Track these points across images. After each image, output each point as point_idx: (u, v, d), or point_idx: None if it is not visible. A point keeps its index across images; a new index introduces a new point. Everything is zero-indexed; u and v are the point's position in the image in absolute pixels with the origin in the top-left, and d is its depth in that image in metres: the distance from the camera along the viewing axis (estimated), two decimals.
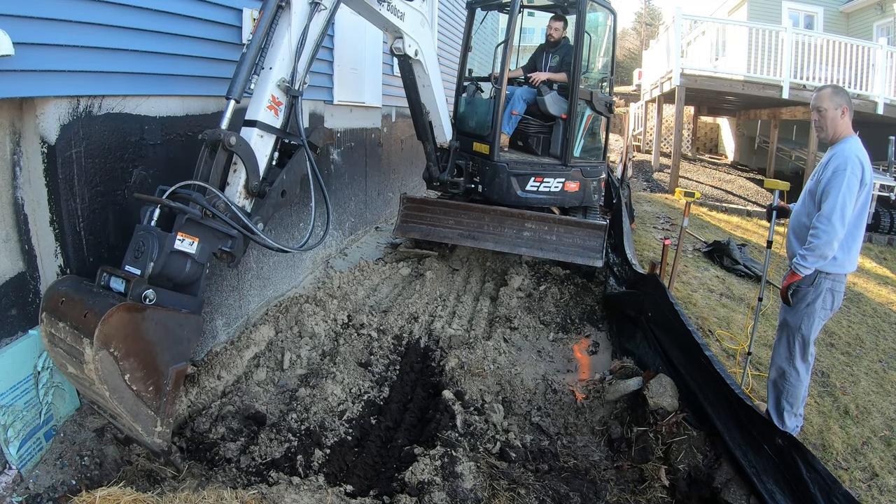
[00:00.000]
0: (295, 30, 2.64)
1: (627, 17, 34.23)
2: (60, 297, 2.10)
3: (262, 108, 2.56)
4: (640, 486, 2.66)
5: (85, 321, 1.94)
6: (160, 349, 2.13)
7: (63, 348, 2.05)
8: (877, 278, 7.01)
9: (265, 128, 2.58)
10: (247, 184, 2.49)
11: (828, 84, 3.02)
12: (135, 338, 2.04)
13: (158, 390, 2.13)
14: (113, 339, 1.95)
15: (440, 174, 5.01)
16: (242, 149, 2.44)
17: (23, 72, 2.14)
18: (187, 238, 2.20)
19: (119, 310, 1.96)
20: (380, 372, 3.56)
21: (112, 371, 1.96)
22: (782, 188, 3.45)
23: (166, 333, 2.15)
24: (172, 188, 2.25)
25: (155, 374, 2.13)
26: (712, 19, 13.25)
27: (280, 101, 2.63)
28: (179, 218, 2.20)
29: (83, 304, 2.01)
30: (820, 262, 2.70)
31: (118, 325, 1.96)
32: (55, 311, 2.07)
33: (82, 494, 1.99)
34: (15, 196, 2.38)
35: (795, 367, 2.87)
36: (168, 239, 2.15)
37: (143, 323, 2.06)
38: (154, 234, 2.15)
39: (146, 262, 2.11)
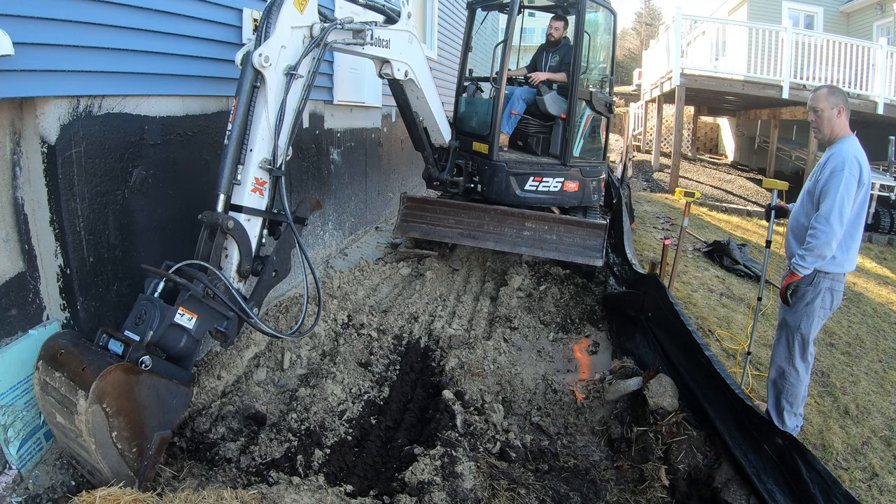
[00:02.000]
0: (272, 106, 2.59)
1: (627, 17, 34.28)
2: (59, 348, 2.17)
3: (247, 193, 2.58)
4: (640, 486, 2.66)
5: (82, 374, 2.02)
6: (149, 414, 2.20)
7: (55, 397, 2.10)
8: (877, 278, 7.02)
9: (251, 211, 2.61)
10: (239, 267, 2.56)
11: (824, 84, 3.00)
12: (127, 398, 2.11)
13: (141, 454, 2.20)
14: (107, 395, 2.03)
15: (440, 174, 5.01)
16: (238, 233, 2.52)
17: (23, 72, 2.14)
18: (187, 313, 2.29)
19: (117, 369, 2.05)
20: (380, 372, 3.56)
21: (101, 426, 2.04)
22: (781, 188, 3.45)
23: (157, 400, 2.23)
24: (178, 265, 2.34)
25: (140, 437, 2.19)
26: (712, 19, 13.26)
27: (263, 181, 2.63)
28: (182, 293, 2.28)
29: (82, 358, 2.09)
30: (819, 263, 2.70)
31: (114, 383, 2.05)
32: (53, 360, 2.13)
33: (82, 494, 1.99)
34: (15, 196, 2.38)
35: (795, 367, 2.87)
36: (169, 312, 2.24)
37: (137, 386, 2.14)
38: (157, 305, 2.24)
39: (146, 330, 2.20)
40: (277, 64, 2.58)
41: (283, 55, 2.61)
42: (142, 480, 2.22)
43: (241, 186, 2.56)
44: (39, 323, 2.51)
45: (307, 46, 2.71)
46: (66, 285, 2.53)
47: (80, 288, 2.53)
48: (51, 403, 2.13)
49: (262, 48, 2.51)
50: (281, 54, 2.59)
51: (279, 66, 2.59)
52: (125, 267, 2.79)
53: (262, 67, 2.51)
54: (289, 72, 2.63)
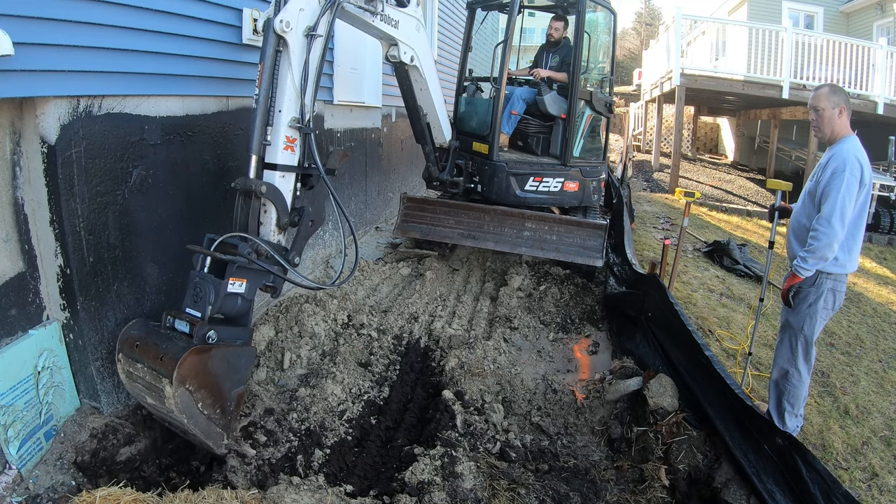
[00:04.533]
0: (296, 68, 2.71)
1: (627, 17, 34.26)
2: (134, 341, 2.39)
3: (280, 151, 2.73)
4: (640, 486, 2.66)
5: (162, 363, 2.26)
6: (224, 379, 2.48)
7: (141, 384, 2.35)
8: (877, 278, 7.01)
9: (285, 168, 2.76)
10: (278, 221, 2.75)
11: (825, 83, 2.96)
12: (205, 374, 2.38)
13: (224, 412, 2.51)
14: (188, 377, 2.29)
15: (440, 174, 5.01)
16: (272, 193, 2.68)
17: (23, 72, 2.14)
18: (237, 281, 2.50)
19: (191, 353, 2.28)
20: (380, 372, 3.56)
21: (189, 403, 2.32)
22: (784, 188, 3.45)
23: (228, 366, 2.49)
24: (220, 239, 2.50)
25: (221, 399, 2.49)
26: (712, 19, 13.25)
27: (294, 138, 2.77)
28: (230, 267, 2.46)
29: (157, 348, 2.32)
30: (820, 264, 2.70)
31: (191, 366, 2.30)
32: (131, 353, 2.37)
33: (82, 494, 1.99)
34: (15, 196, 2.38)
35: (798, 368, 2.86)
36: (222, 285, 2.43)
37: (210, 361, 2.40)
38: (209, 280, 2.44)
39: (205, 306, 2.40)
40: (297, 27, 2.67)
41: (302, 17, 2.70)
42: (229, 433, 2.57)
43: (272, 146, 2.71)
44: (39, 323, 2.51)
45: (324, 6, 2.81)
46: (66, 285, 2.53)
47: (80, 288, 2.53)
48: (139, 389, 2.38)
49: (283, 14, 2.60)
50: (300, 17, 2.68)
51: (299, 29, 2.69)
52: (125, 267, 2.80)
53: (283, 32, 2.60)
54: (308, 33, 2.73)
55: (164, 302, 3.07)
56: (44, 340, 2.48)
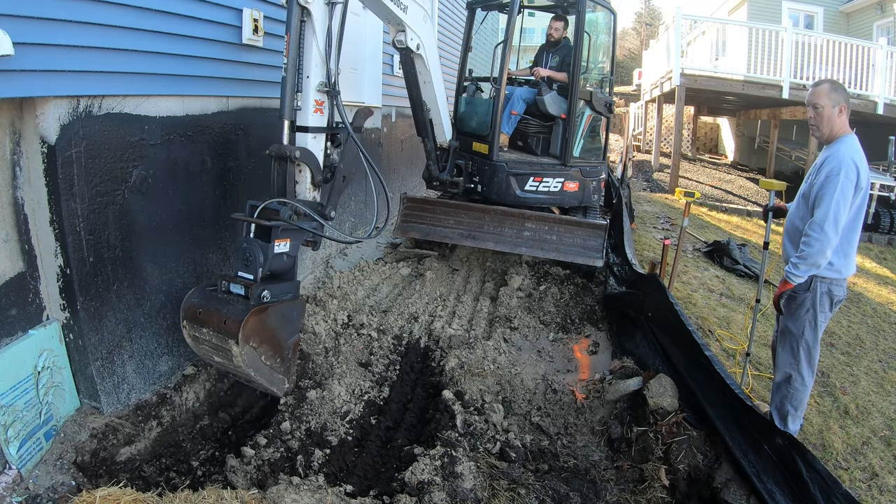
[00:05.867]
0: (320, 35, 2.85)
1: (627, 17, 34.25)
2: (196, 308, 2.61)
3: (310, 114, 2.91)
4: (640, 486, 2.66)
5: (226, 326, 2.51)
6: (281, 332, 2.80)
7: (208, 346, 2.62)
8: (877, 278, 7.01)
9: (316, 130, 2.97)
10: (313, 179, 2.98)
11: (825, 79, 2.79)
12: (264, 331, 2.68)
13: (283, 360, 2.86)
14: (251, 336, 2.58)
15: (440, 174, 5.01)
16: (305, 156, 2.88)
17: (23, 72, 2.14)
18: (281, 242, 2.73)
19: (252, 315, 2.53)
20: (380, 372, 3.56)
21: (254, 358, 2.63)
22: (778, 188, 3.37)
23: (283, 320, 2.79)
24: (261, 205, 2.71)
25: (280, 350, 2.82)
26: (712, 19, 13.24)
27: (322, 101, 2.96)
28: (274, 230, 2.67)
29: (220, 312, 2.56)
30: (813, 271, 2.62)
31: (253, 326, 2.57)
32: (195, 319, 2.61)
33: (82, 494, 1.99)
34: (15, 196, 2.38)
35: (801, 373, 2.79)
36: (269, 248, 2.65)
37: (267, 318, 2.68)
38: (257, 245, 2.65)
39: (256, 269, 2.62)
40: None
41: None
42: (289, 377, 2.93)
43: (303, 111, 2.90)
44: (39, 323, 2.52)
45: None
46: (66, 285, 2.53)
47: (80, 288, 2.53)
48: (205, 350, 2.68)
49: None
50: None
51: None
52: (125, 267, 2.80)
53: (307, 3, 2.74)
54: (329, 1, 2.87)
55: (164, 302, 3.08)
56: (44, 340, 2.48)
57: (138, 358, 2.91)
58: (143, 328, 2.95)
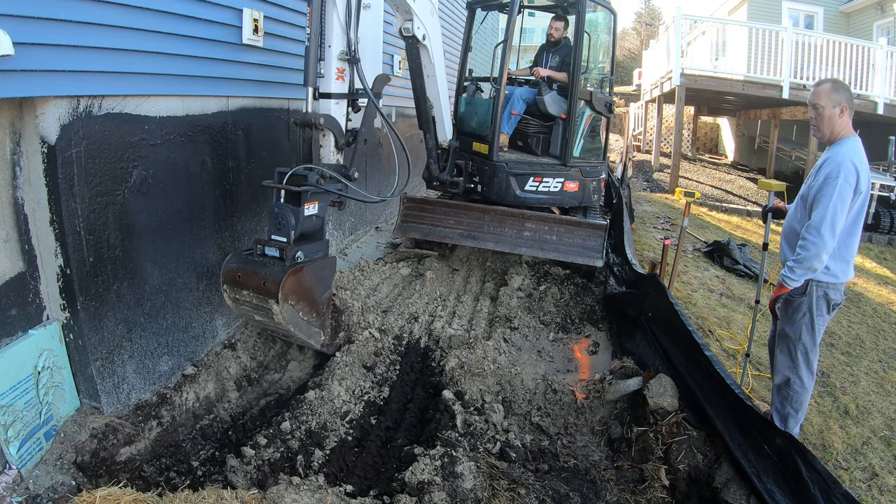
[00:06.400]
0: (340, 7, 3.01)
1: (627, 17, 34.25)
2: (235, 272, 2.83)
3: (333, 81, 3.11)
4: (640, 486, 2.66)
5: (266, 288, 2.72)
6: (316, 289, 3.05)
7: (249, 307, 2.84)
8: (877, 278, 7.01)
9: (338, 96, 3.16)
10: (336, 143, 3.17)
11: (827, 79, 2.72)
12: (301, 289, 2.91)
13: (319, 314, 3.14)
14: (289, 295, 2.79)
15: (440, 174, 5.01)
16: (329, 121, 3.08)
17: (23, 72, 2.14)
18: (311, 205, 2.93)
19: (289, 275, 2.73)
20: (380, 372, 3.56)
21: (292, 314, 2.86)
22: (777, 189, 3.33)
23: (317, 278, 3.03)
24: (290, 172, 2.87)
25: (316, 306, 3.09)
26: (712, 19, 13.24)
27: (343, 69, 3.15)
28: (304, 195, 2.86)
29: (257, 275, 2.77)
30: (809, 275, 2.58)
31: (291, 285, 2.78)
32: (235, 282, 2.83)
33: (82, 494, 1.99)
34: (15, 196, 2.38)
35: (800, 376, 2.76)
36: (300, 211, 2.85)
37: (303, 278, 2.90)
38: (288, 209, 2.85)
39: (289, 231, 2.84)
40: None
41: None
42: (324, 329, 3.24)
43: (326, 78, 3.08)
44: (39, 323, 2.52)
45: None
46: (66, 285, 2.53)
47: (80, 288, 2.53)
48: (246, 311, 2.91)
49: None
50: None
51: None
52: (125, 267, 2.80)
53: None
54: None
55: (164, 302, 3.08)
56: (44, 340, 2.48)
57: (138, 358, 2.91)
58: (143, 328, 2.95)
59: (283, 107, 4.21)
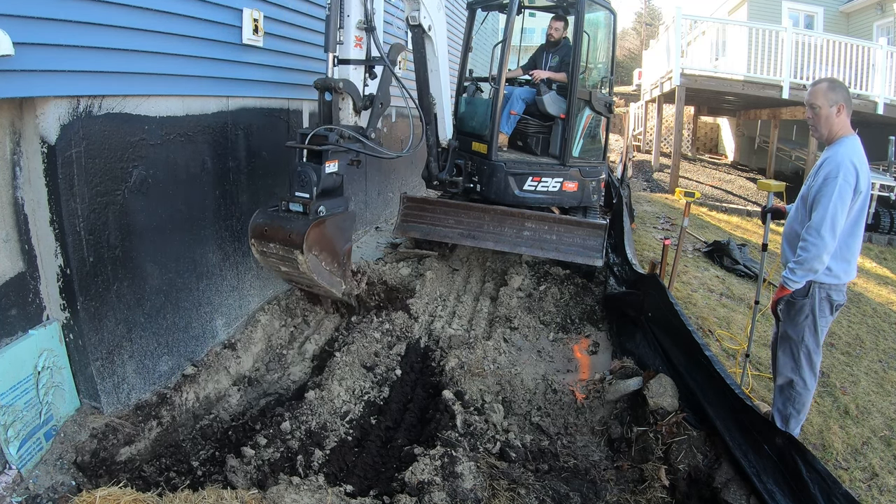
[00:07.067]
0: None
1: (627, 17, 34.23)
2: (262, 227, 3.00)
3: (352, 48, 3.33)
4: (640, 486, 2.66)
5: (291, 239, 2.90)
6: (337, 240, 3.23)
7: (275, 258, 3.03)
8: (877, 278, 7.01)
9: (356, 62, 3.37)
10: (354, 106, 3.34)
11: (824, 78, 2.70)
12: (324, 240, 3.10)
13: (339, 264, 3.32)
14: (313, 246, 2.98)
15: (439, 173, 5.01)
16: (348, 86, 3.25)
17: (23, 72, 2.14)
18: (331, 163, 3.09)
19: (313, 227, 2.91)
20: (380, 372, 3.56)
21: (316, 264, 3.06)
22: (776, 189, 3.32)
23: (338, 230, 3.22)
24: (311, 132, 3.03)
25: (337, 256, 3.27)
26: (712, 19, 13.24)
27: (361, 37, 3.35)
28: (325, 154, 3.02)
29: (283, 228, 2.94)
30: (810, 276, 2.56)
31: (314, 236, 2.96)
32: (262, 236, 3.00)
33: (82, 494, 1.99)
34: (15, 196, 2.38)
35: (802, 378, 2.75)
36: (321, 168, 3.01)
37: (325, 230, 3.08)
38: (311, 167, 3.01)
39: (311, 188, 2.98)
40: None
41: None
42: (345, 279, 3.43)
43: (345, 45, 3.30)
44: (39, 323, 2.52)
45: None
46: (66, 285, 2.53)
47: (80, 288, 2.53)
48: (272, 262, 3.10)
49: None
50: None
51: None
52: (125, 267, 2.80)
53: None
54: None
55: (164, 302, 3.08)
56: (44, 340, 2.48)
57: (138, 358, 2.91)
58: (143, 328, 2.95)
59: (284, 107, 4.21)
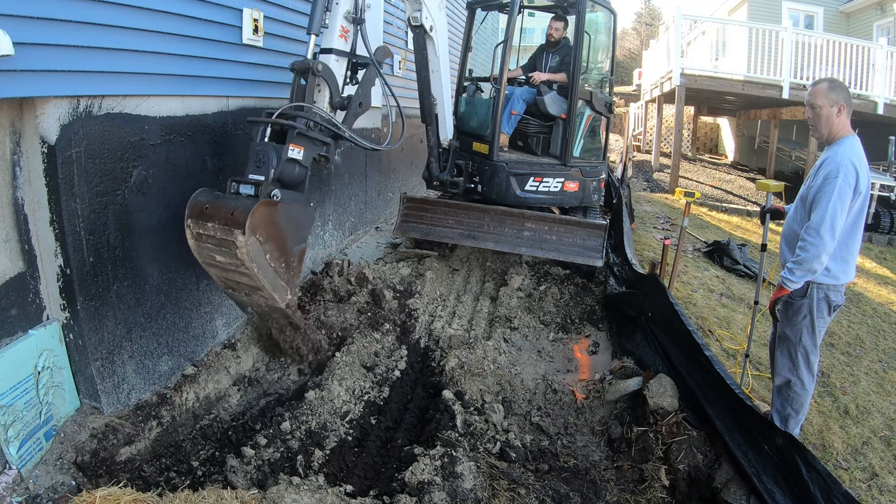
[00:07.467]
0: None
1: (627, 17, 34.27)
2: (203, 204, 2.55)
3: (335, 38, 3.10)
4: (640, 486, 2.66)
5: (233, 217, 2.46)
6: (289, 234, 2.74)
7: (211, 243, 2.56)
8: (877, 278, 7.01)
9: (339, 53, 3.13)
10: (330, 100, 3.06)
11: (824, 78, 2.70)
12: (272, 226, 2.62)
13: (289, 266, 2.80)
14: (258, 227, 2.52)
15: (440, 173, 5.01)
16: (327, 72, 2.98)
17: (23, 72, 2.14)
18: (296, 147, 2.74)
19: (261, 205, 2.51)
20: (380, 372, 3.56)
21: (258, 252, 2.56)
22: (774, 190, 3.32)
23: (293, 222, 2.76)
24: (280, 110, 2.74)
25: (286, 254, 2.76)
26: (712, 19, 13.25)
27: (347, 28, 3.14)
28: (290, 132, 2.71)
29: (227, 206, 2.51)
30: (808, 276, 2.56)
31: (261, 216, 2.52)
32: (201, 215, 2.54)
33: (82, 494, 1.99)
34: (15, 196, 2.38)
35: (800, 378, 2.75)
36: (283, 150, 2.68)
37: (276, 215, 2.63)
38: (271, 147, 2.69)
39: (268, 170, 2.65)
40: None
41: None
42: (292, 287, 2.85)
43: (329, 31, 3.07)
44: (39, 323, 2.52)
45: None
46: (66, 285, 2.53)
47: (80, 288, 2.53)
48: (208, 249, 2.59)
49: None
50: None
51: None
52: (125, 267, 2.79)
53: None
54: None
55: (164, 302, 3.08)
56: (44, 340, 2.48)
57: (138, 358, 2.91)
58: (143, 328, 2.95)
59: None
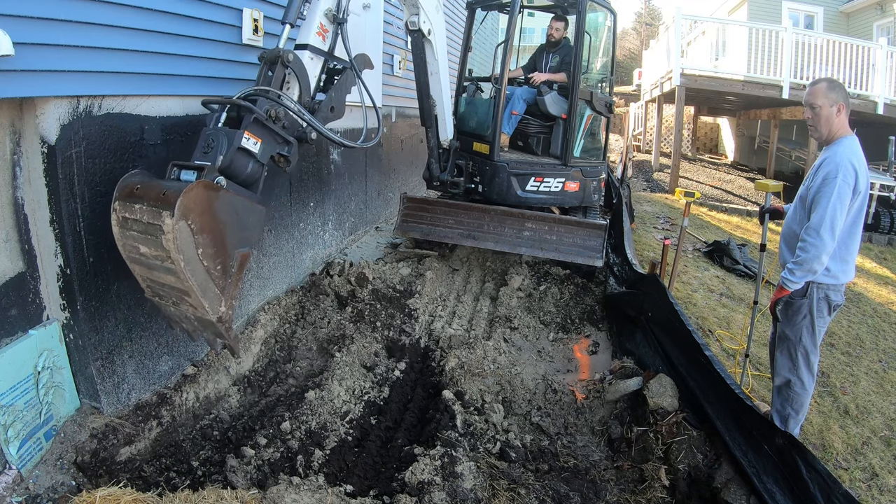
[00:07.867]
0: None
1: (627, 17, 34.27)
2: (135, 185, 2.22)
3: (312, 34, 2.89)
4: (640, 486, 2.66)
5: (164, 198, 2.09)
6: (230, 231, 2.33)
7: (137, 230, 2.18)
8: (877, 278, 7.01)
9: (315, 51, 2.90)
10: (300, 98, 2.77)
11: (822, 78, 2.70)
12: (209, 214, 2.21)
13: (225, 271, 2.35)
14: (191, 212, 2.12)
15: (440, 174, 5.01)
16: (297, 65, 2.72)
17: (23, 72, 2.14)
18: (252, 137, 2.40)
19: (198, 185, 2.15)
20: (380, 372, 3.56)
21: (188, 242, 2.13)
22: (773, 190, 3.33)
23: (236, 217, 2.35)
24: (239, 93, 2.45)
25: (223, 255, 2.32)
26: (712, 19, 13.25)
27: (327, 28, 2.94)
28: (247, 118, 2.40)
29: (160, 187, 2.17)
30: (809, 277, 2.56)
31: (196, 199, 2.14)
32: (130, 196, 2.20)
33: (82, 494, 1.99)
34: (15, 196, 2.38)
35: (800, 378, 2.76)
36: (236, 136, 2.35)
37: (216, 202, 2.24)
38: (223, 132, 2.36)
39: (216, 156, 2.31)
40: None
41: None
42: (227, 299, 2.38)
43: (306, 26, 2.87)
44: (39, 323, 2.51)
45: None
46: (66, 285, 2.53)
47: (80, 288, 2.53)
48: (133, 237, 2.21)
49: None
50: None
51: None
52: (125, 267, 2.79)
53: None
54: None
55: None
56: (44, 340, 2.48)
57: (138, 358, 2.91)
58: (143, 328, 2.95)
59: None
